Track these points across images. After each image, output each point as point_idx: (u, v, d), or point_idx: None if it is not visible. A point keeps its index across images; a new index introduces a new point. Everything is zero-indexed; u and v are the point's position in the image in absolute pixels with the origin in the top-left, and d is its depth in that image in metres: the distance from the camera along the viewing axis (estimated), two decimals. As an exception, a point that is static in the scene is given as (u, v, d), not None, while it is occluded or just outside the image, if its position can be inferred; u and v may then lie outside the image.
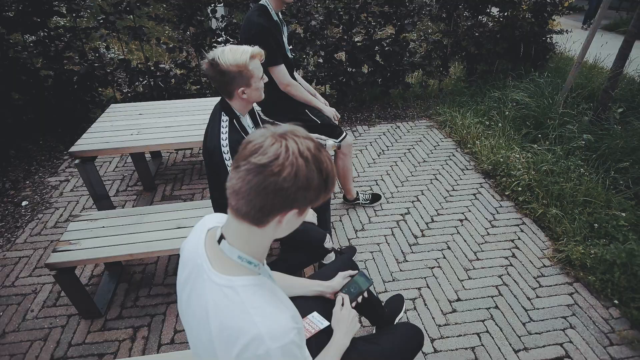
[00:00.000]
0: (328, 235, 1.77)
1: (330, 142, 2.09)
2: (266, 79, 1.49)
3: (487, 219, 2.58)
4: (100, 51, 3.64)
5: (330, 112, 2.34)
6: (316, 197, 0.72)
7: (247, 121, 1.56)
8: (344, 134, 2.32)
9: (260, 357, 0.68)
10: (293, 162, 0.66)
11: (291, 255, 1.79)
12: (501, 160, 2.92)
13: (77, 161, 2.23)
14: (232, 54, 1.33)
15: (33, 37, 3.31)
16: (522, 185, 2.68)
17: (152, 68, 3.59)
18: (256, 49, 1.39)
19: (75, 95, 3.46)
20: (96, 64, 3.45)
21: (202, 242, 0.82)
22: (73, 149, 2.22)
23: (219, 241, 0.79)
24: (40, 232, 2.49)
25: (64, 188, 2.90)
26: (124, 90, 3.75)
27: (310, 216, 1.81)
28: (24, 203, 2.74)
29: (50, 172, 3.09)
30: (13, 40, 3.22)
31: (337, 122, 2.35)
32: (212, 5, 3.52)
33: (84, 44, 3.43)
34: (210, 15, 3.55)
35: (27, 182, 2.96)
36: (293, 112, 2.25)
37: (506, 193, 2.76)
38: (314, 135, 2.10)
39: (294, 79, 2.26)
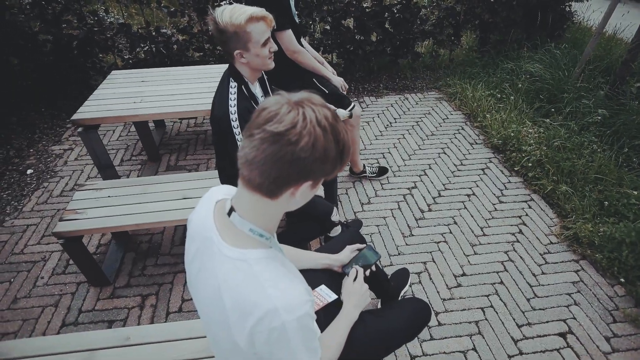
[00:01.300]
0: (335, 208, 1.76)
1: (342, 112, 2.00)
2: (275, 48, 1.40)
3: (494, 194, 2.55)
4: (99, 15, 3.50)
5: (339, 81, 2.26)
6: (332, 169, 0.69)
7: (256, 89, 1.49)
8: (353, 104, 2.25)
9: (275, 329, 0.67)
10: (311, 131, 0.62)
11: (299, 228, 1.79)
12: (512, 134, 2.85)
13: (80, 129, 2.19)
14: (230, 13, 1.26)
15: (29, -1, 3.18)
16: (533, 161, 2.63)
17: (154, 33, 3.46)
18: (258, 10, 1.29)
19: (76, 61, 3.37)
20: (95, 28, 3.33)
21: (211, 215, 0.80)
22: (75, 116, 2.18)
23: (229, 213, 0.76)
24: (46, 200, 2.49)
25: (68, 157, 2.88)
26: (125, 57, 3.64)
27: (318, 189, 1.79)
28: (28, 171, 2.73)
29: (54, 140, 3.05)
30: (9, 2, 3.10)
31: (345, 92, 2.28)
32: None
33: (82, 6, 3.29)
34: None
35: (31, 150, 2.94)
36: (300, 80, 2.18)
37: (515, 169, 2.71)
38: None
39: (301, 45, 2.17)
